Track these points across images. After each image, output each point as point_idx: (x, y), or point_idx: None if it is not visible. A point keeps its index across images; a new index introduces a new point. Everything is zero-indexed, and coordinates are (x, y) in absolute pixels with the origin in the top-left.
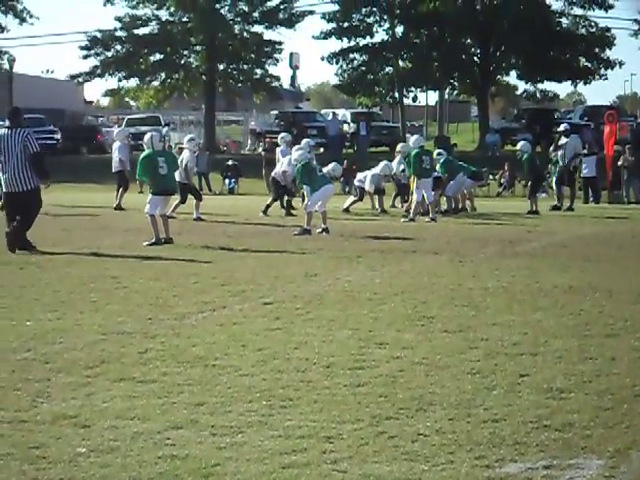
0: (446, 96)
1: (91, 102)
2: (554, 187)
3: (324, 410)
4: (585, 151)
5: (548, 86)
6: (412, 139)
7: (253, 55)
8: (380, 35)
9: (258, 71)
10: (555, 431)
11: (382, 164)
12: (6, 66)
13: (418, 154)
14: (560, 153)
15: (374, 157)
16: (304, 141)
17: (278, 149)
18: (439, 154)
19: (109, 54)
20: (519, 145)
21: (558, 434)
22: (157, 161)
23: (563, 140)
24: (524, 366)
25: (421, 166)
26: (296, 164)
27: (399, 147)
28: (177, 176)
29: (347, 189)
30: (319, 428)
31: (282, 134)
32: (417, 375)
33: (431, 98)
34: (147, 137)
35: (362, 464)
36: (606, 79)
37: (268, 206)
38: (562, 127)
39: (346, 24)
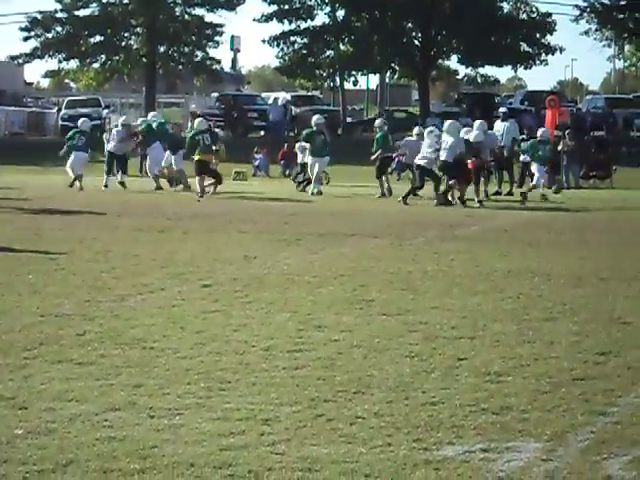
0: (387, 80)
1: (31, 84)
2: (493, 172)
3: (262, 393)
4: (524, 136)
5: (489, 71)
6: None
7: (194, 38)
8: (321, 18)
9: (199, 54)
10: (493, 414)
11: None
12: None
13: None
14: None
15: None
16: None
17: (297, 144)
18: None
19: (49, 35)
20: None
21: (496, 417)
22: None
23: (500, 124)
24: (462, 350)
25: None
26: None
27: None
28: None
29: (287, 172)
30: (257, 411)
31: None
32: (355, 358)
33: (372, 82)
34: None
35: (300, 446)
36: (547, 64)
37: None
38: (500, 111)
39: (287, 7)
